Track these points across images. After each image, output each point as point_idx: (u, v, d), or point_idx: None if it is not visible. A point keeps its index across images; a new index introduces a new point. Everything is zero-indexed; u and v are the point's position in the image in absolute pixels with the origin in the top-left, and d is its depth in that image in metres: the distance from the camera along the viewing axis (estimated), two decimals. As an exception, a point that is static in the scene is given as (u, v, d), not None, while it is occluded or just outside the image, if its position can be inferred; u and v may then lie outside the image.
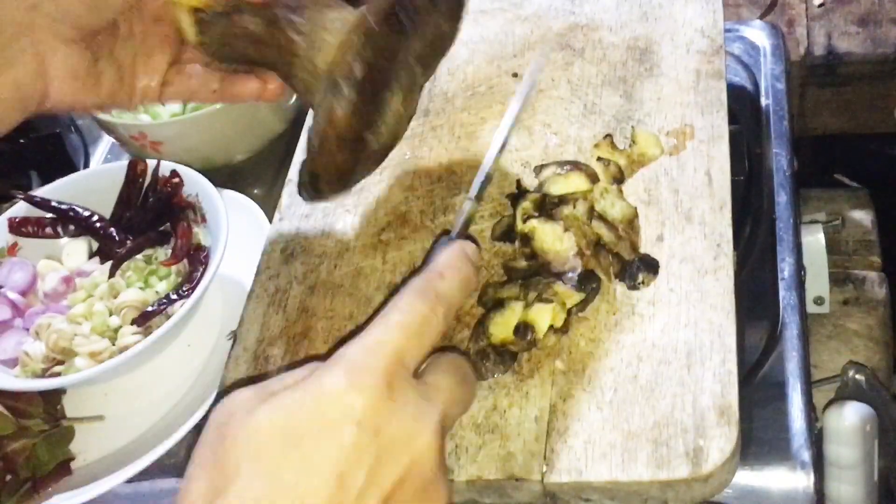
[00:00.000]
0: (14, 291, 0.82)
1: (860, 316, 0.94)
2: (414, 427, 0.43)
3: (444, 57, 0.60)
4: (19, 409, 0.75)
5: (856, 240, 1.03)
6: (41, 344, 0.77)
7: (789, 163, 0.86)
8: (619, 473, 0.54)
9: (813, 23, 1.21)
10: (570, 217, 0.63)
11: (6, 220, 0.84)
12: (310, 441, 0.40)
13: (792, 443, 0.69)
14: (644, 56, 0.75)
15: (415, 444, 0.42)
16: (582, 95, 0.74)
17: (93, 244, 0.85)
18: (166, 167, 0.84)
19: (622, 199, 0.65)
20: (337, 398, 0.41)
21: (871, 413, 0.78)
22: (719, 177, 0.66)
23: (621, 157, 0.68)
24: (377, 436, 0.41)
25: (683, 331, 0.58)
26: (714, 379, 0.56)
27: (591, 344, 0.59)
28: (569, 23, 0.80)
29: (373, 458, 0.41)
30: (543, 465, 0.55)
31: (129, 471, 0.71)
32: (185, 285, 0.78)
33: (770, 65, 0.94)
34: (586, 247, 0.62)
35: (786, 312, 0.76)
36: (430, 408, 0.44)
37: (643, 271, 0.61)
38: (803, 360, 0.74)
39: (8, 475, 0.73)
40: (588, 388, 0.57)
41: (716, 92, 0.71)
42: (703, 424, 0.54)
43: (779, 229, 0.81)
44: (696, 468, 0.53)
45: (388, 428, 0.42)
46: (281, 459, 0.40)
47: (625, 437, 0.55)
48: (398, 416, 0.42)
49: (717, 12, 0.76)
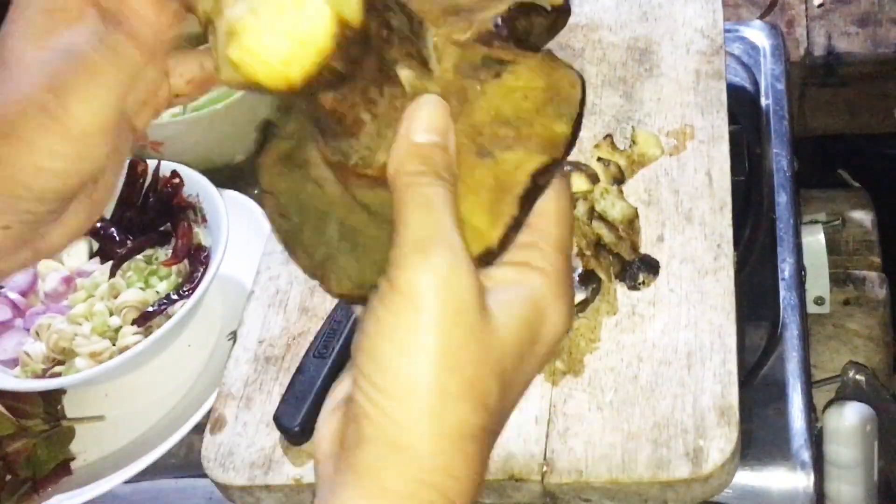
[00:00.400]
0: (14, 292, 0.82)
1: (860, 316, 0.93)
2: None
3: None
4: (19, 409, 0.76)
5: (856, 240, 1.03)
6: (41, 344, 0.77)
7: (789, 163, 0.86)
8: (619, 474, 0.54)
9: (813, 23, 1.21)
10: (580, 222, 0.63)
11: (6, 220, 0.84)
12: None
13: (792, 443, 0.68)
14: (644, 56, 0.75)
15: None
16: (582, 96, 0.74)
17: (93, 244, 0.85)
18: (167, 167, 0.84)
19: (622, 199, 0.65)
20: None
21: (871, 413, 0.78)
22: (719, 177, 0.66)
23: (621, 157, 0.68)
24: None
25: (684, 331, 0.58)
26: (714, 379, 0.56)
27: (591, 344, 0.59)
28: (569, 23, 0.79)
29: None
30: (543, 466, 0.55)
31: (129, 471, 0.71)
32: (186, 285, 0.78)
33: (770, 65, 0.94)
34: (586, 247, 0.62)
35: (786, 312, 0.76)
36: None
37: (644, 272, 0.61)
38: (803, 360, 0.73)
39: (8, 475, 0.73)
40: (588, 389, 0.57)
41: (716, 92, 0.71)
42: (704, 425, 0.54)
43: (779, 229, 0.81)
44: (696, 468, 0.53)
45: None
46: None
47: (625, 437, 0.55)
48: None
49: (717, 12, 0.76)
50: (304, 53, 0.40)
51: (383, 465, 0.36)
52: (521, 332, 0.39)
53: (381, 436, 0.36)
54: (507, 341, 0.39)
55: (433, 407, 0.36)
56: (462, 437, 0.36)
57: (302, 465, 0.58)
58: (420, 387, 0.36)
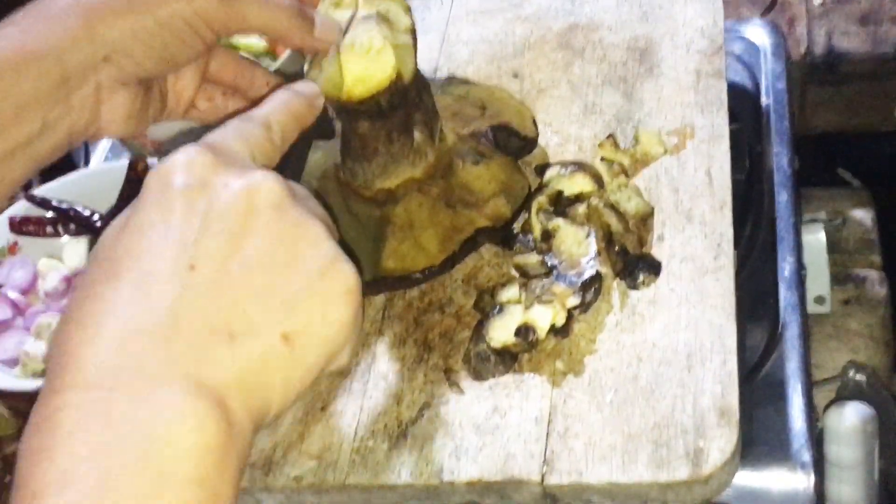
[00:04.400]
0: (15, 291, 0.82)
1: (861, 315, 0.93)
2: (243, 171, 0.41)
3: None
4: (20, 409, 0.76)
5: (857, 239, 1.03)
6: (42, 343, 0.77)
7: (790, 162, 0.86)
8: (619, 475, 0.54)
9: (813, 22, 1.21)
10: (592, 209, 0.63)
11: (7, 219, 0.84)
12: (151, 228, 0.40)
13: (792, 443, 0.69)
14: (644, 56, 0.75)
15: (250, 178, 0.40)
16: (582, 95, 0.74)
17: (93, 244, 0.85)
18: (166, 167, 0.84)
19: (640, 195, 0.65)
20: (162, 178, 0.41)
21: (872, 413, 0.78)
22: (720, 176, 0.65)
23: (625, 156, 0.68)
24: (204, 187, 0.40)
25: (684, 331, 0.58)
26: (714, 380, 0.56)
27: (591, 344, 0.59)
28: (569, 23, 0.79)
29: (205, 204, 0.39)
30: (544, 467, 0.55)
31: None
32: (186, 285, 0.78)
33: (770, 64, 0.94)
34: (602, 239, 0.62)
35: (786, 312, 0.76)
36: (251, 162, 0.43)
37: (644, 271, 0.61)
38: (804, 360, 0.74)
39: (8, 476, 0.73)
40: (588, 389, 0.57)
41: (716, 91, 0.71)
42: (704, 425, 0.54)
43: (779, 228, 0.81)
44: (696, 469, 0.53)
45: (215, 178, 0.40)
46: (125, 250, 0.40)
47: (625, 438, 0.55)
48: (225, 168, 0.41)
49: (717, 12, 0.76)
50: (368, 82, 0.57)
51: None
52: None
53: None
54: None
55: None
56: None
57: (302, 465, 0.58)
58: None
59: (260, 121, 0.45)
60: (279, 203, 0.40)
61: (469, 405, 0.59)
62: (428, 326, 0.63)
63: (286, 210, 0.40)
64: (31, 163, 0.51)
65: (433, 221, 0.63)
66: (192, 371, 0.37)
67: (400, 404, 0.60)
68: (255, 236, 0.39)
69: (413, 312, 0.64)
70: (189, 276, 0.38)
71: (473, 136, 0.66)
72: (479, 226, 0.63)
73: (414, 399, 0.60)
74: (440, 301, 0.64)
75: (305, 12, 0.55)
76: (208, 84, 0.59)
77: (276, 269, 0.40)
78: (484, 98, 0.71)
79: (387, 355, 0.63)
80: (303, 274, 0.40)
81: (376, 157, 0.62)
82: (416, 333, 0.63)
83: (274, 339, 0.39)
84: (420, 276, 0.62)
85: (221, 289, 0.39)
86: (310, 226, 0.41)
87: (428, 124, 0.63)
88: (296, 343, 0.40)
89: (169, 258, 0.38)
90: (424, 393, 0.60)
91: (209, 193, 0.40)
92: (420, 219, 0.63)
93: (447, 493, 0.56)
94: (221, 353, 0.38)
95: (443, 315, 0.64)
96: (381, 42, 0.57)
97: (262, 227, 0.40)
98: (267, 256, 0.40)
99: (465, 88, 0.73)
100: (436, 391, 0.60)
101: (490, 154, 0.66)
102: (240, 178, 0.40)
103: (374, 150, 0.62)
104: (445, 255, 0.62)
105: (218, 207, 0.39)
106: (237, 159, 0.42)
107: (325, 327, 0.40)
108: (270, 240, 0.40)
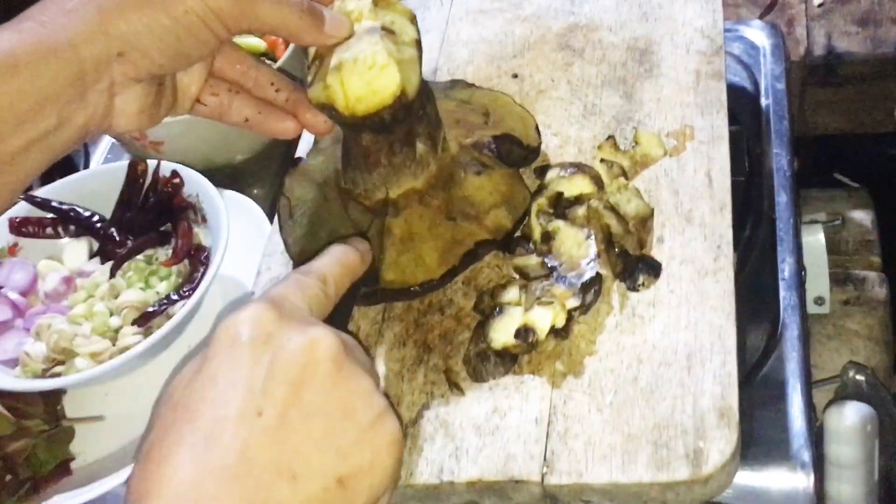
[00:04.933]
0: (15, 292, 0.82)
1: (860, 316, 0.94)
2: (303, 327, 0.47)
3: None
4: (19, 409, 0.76)
5: (856, 240, 1.03)
6: (42, 344, 0.77)
7: (789, 163, 0.86)
8: (619, 475, 0.54)
9: (813, 23, 1.21)
10: (592, 211, 0.63)
11: (7, 220, 0.84)
12: (219, 378, 0.45)
13: (792, 443, 0.69)
14: (644, 56, 0.75)
15: (310, 333, 0.46)
16: (582, 96, 0.74)
17: (93, 244, 0.85)
18: (167, 167, 0.84)
19: (639, 197, 0.65)
20: (230, 330, 0.46)
21: (871, 413, 0.78)
22: (719, 178, 0.66)
23: (624, 158, 0.68)
24: (269, 341, 0.45)
25: (684, 332, 0.58)
26: (714, 381, 0.56)
27: (591, 346, 0.59)
28: (568, 23, 0.80)
29: (270, 356, 0.45)
30: (544, 467, 0.55)
31: (129, 471, 0.71)
32: (186, 286, 0.78)
33: (770, 65, 0.94)
34: (602, 240, 0.62)
35: (786, 313, 0.76)
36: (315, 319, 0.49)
37: (644, 273, 0.61)
38: (803, 360, 0.74)
39: (8, 475, 0.73)
40: (588, 390, 0.57)
41: (716, 92, 0.71)
42: (703, 426, 0.54)
43: (779, 229, 0.81)
44: (695, 470, 0.53)
45: (279, 333, 0.46)
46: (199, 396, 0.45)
47: (625, 438, 0.55)
48: (287, 323, 0.46)
49: (717, 12, 0.76)
50: (372, 98, 0.56)
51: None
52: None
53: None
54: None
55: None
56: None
57: (302, 466, 0.58)
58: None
59: (317, 275, 0.52)
60: (335, 357, 0.46)
61: (469, 406, 0.59)
62: (428, 328, 0.63)
63: (341, 364, 0.46)
64: (45, 157, 0.51)
65: (434, 234, 0.62)
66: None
67: (400, 405, 0.60)
68: (314, 386, 0.45)
69: (413, 314, 0.64)
70: (257, 421, 0.43)
71: (476, 146, 0.65)
72: (479, 238, 0.62)
73: (414, 400, 0.60)
74: (440, 302, 0.64)
75: (315, 9, 0.56)
76: (214, 80, 0.60)
77: (332, 418, 0.45)
78: (487, 104, 0.70)
79: (387, 356, 0.63)
80: (355, 424, 0.45)
81: (378, 168, 0.61)
82: (416, 334, 0.63)
83: (330, 481, 0.44)
84: (419, 289, 0.62)
85: (286, 433, 0.43)
86: (361, 379, 0.47)
87: (431, 135, 0.62)
88: (348, 486, 0.44)
89: (238, 405, 0.43)
90: (424, 394, 0.60)
91: (273, 346, 0.45)
92: (420, 231, 0.62)
93: (447, 493, 0.56)
94: (286, 492, 0.43)
95: (443, 316, 0.64)
96: (385, 59, 0.55)
97: (321, 379, 0.45)
98: (325, 406, 0.45)
99: (468, 93, 0.72)
100: (436, 392, 0.60)
101: (492, 164, 0.65)
102: (301, 333, 0.46)
103: (375, 162, 0.61)
104: (445, 268, 0.62)
105: (282, 359, 0.45)
106: (297, 313, 0.48)
107: (372, 473, 0.46)
108: (327, 390, 0.45)
